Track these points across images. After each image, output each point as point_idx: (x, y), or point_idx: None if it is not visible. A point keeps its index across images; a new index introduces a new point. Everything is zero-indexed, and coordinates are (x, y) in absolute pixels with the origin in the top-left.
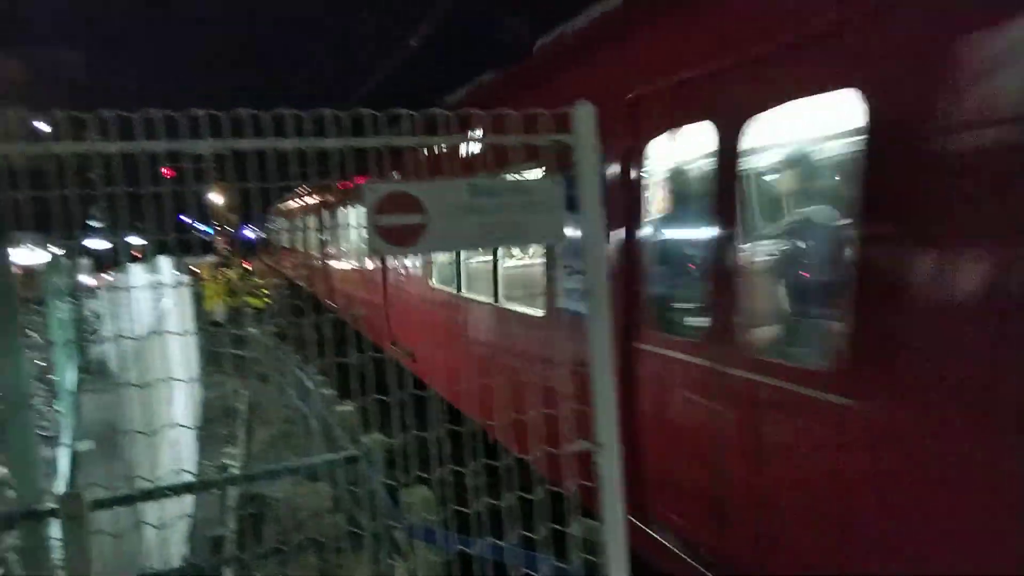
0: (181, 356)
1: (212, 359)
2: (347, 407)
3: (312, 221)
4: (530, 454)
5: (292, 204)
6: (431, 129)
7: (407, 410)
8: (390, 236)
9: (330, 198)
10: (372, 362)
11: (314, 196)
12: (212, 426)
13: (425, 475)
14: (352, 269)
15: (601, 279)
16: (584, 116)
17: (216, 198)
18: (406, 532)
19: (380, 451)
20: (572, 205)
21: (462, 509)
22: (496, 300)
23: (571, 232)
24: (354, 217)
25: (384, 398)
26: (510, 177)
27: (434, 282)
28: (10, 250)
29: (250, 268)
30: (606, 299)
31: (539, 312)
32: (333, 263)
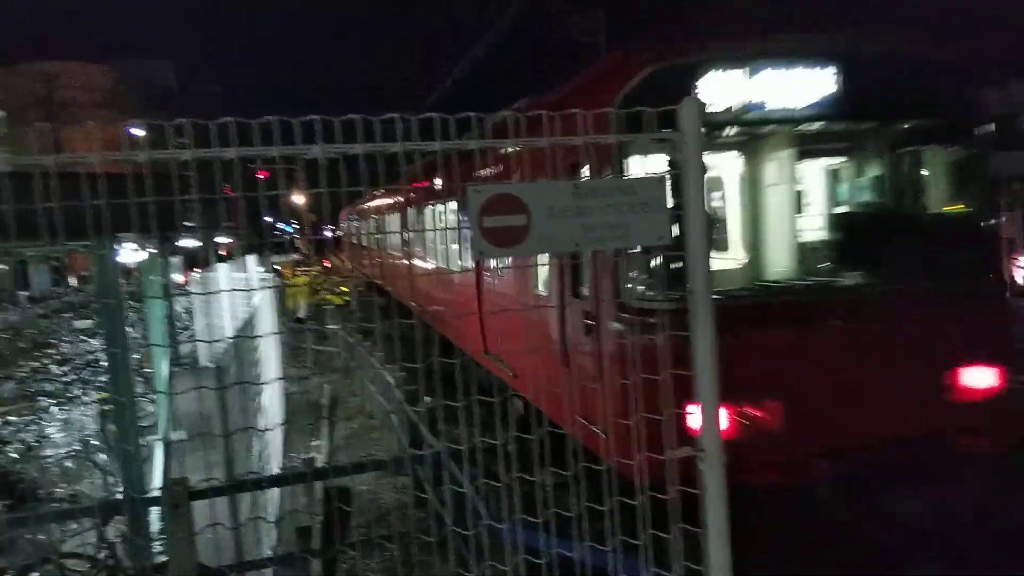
0: (268, 352)
1: (296, 354)
2: (429, 405)
3: (392, 220)
4: (633, 461)
5: (371, 204)
6: (501, 132)
7: (494, 412)
8: (494, 238)
9: (411, 198)
10: (456, 366)
11: (394, 196)
12: (297, 419)
13: (525, 476)
14: (435, 269)
15: (704, 280)
16: (690, 112)
17: (298, 199)
18: (501, 531)
19: (467, 450)
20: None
21: (562, 512)
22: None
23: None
24: (429, 217)
25: (467, 401)
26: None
27: (541, 288)
28: (115, 248)
29: (329, 266)
30: (709, 302)
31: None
32: (414, 262)
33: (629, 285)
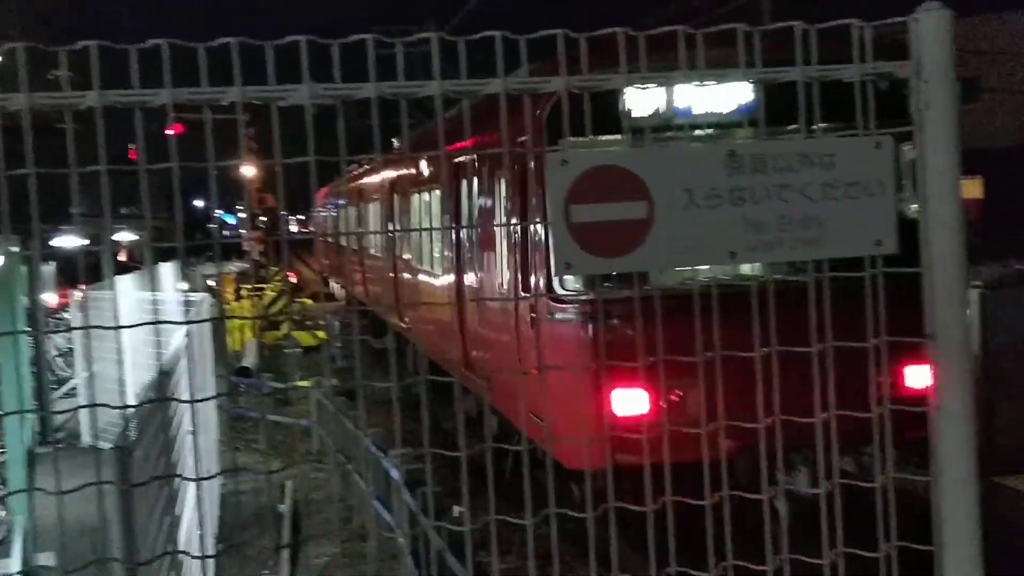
0: (197, 424)
1: (239, 429)
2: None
3: (413, 209)
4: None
5: (377, 180)
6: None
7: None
8: (591, 239)
9: (460, 170)
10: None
11: (419, 169)
12: (240, 538)
13: None
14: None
15: (959, 318)
16: (934, 25)
17: (248, 172)
18: None
19: None
20: None
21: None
22: None
23: None
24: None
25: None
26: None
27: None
28: None
29: (296, 280)
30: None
31: None
32: (466, 282)
33: (556, 278)
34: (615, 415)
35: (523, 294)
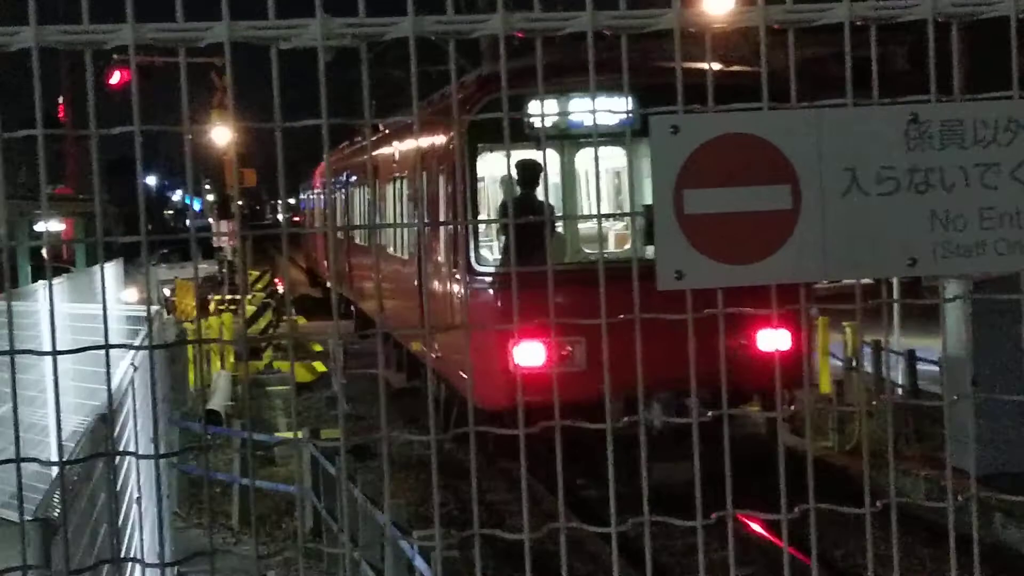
0: (140, 487)
1: (202, 496)
2: None
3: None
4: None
5: (385, 153)
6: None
7: None
8: (712, 238)
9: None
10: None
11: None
12: None
13: None
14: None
15: None
16: None
17: (218, 139)
18: None
19: None
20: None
21: None
22: None
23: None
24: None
25: None
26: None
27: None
28: None
29: (282, 290)
30: None
31: None
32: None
33: (473, 256)
34: (517, 364)
35: (453, 270)
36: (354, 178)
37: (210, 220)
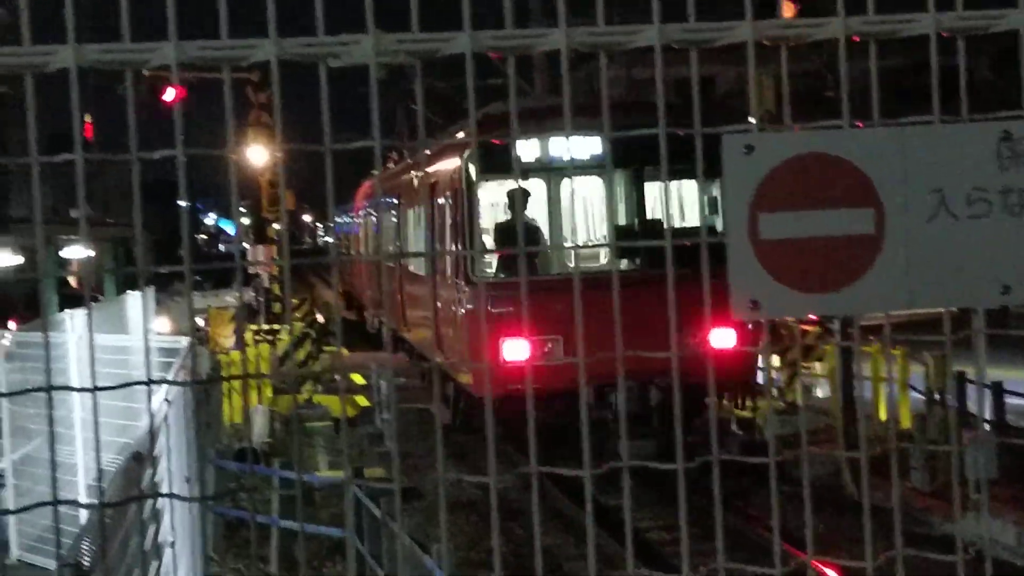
0: (175, 530)
1: (237, 540)
2: None
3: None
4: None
5: (412, 177)
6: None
7: None
8: (790, 266)
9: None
10: None
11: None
12: None
13: None
14: None
15: None
16: None
17: (255, 157)
18: None
19: None
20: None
21: None
22: None
23: None
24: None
25: None
26: None
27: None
28: None
29: (322, 320)
30: None
31: None
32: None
33: (472, 271)
34: (504, 358)
35: (455, 280)
36: (393, 200)
37: (245, 245)
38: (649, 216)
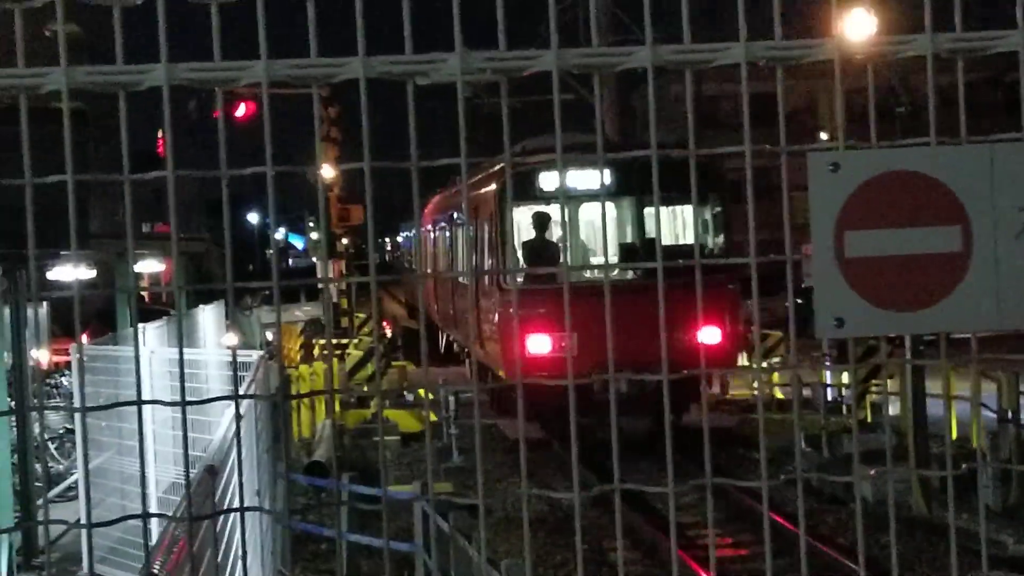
0: (244, 544)
1: (307, 554)
2: None
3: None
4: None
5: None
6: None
7: None
8: (876, 284)
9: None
10: None
11: None
12: None
13: None
14: None
15: None
16: None
17: (326, 172)
18: None
19: None
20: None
21: None
22: None
23: None
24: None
25: None
26: None
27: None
28: None
29: (391, 334)
30: None
31: None
32: None
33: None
34: (530, 350)
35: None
36: (455, 216)
37: (314, 260)
38: (649, 235)
